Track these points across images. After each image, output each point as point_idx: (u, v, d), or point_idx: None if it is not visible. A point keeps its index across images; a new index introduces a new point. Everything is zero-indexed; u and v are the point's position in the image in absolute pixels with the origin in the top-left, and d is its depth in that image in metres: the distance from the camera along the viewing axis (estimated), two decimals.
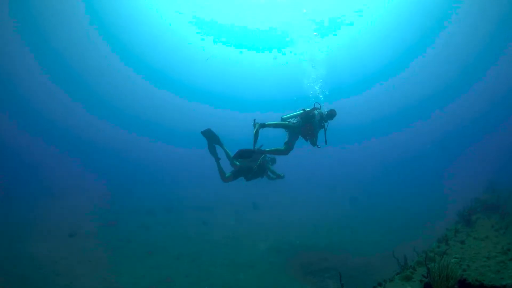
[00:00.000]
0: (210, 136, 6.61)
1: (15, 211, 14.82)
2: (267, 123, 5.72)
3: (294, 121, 6.12)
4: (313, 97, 8.89)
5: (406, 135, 42.95)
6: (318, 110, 6.20)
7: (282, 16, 26.75)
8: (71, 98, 37.56)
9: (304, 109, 6.17)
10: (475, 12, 24.07)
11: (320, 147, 6.25)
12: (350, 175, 28.24)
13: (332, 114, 6.21)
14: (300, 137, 6.24)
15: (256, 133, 5.58)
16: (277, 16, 27.38)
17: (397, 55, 34.46)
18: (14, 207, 15.51)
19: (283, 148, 6.14)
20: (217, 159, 6.63)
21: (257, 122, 5.63)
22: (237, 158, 6.23)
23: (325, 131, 6.16)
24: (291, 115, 6.32)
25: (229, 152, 6.63)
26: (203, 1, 26.78)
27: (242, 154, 5.92)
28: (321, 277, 7.80)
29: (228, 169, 6.60)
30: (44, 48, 28.79)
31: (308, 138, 6.20)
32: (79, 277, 7.76)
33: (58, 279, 7.64)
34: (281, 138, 6.30)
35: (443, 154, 35.07)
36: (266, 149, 6.14)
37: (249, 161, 6.41)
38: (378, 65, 36.84)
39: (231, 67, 39.56)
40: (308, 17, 24.93)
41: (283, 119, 6.32)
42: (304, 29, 24.15)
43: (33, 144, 35.06)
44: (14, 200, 17.12)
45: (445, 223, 7.43)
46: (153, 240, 10.88)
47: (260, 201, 17.44)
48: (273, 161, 7.07)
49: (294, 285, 7.52)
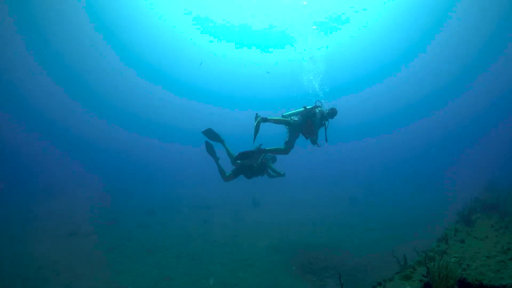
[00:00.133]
0: (212, 136, 6.60)
1: (14, 210, 14.84)
2: (269, 117, 5.75)
3: (296, 118, 6.10)
4: (313, 95, 8.87)
5: (406, 134, 42.99)
6: (319, 108, 6.18)
7: (282, 13, 26.69)
8: (71, 98, 37.58)
9: (305, 106, 6.15)
10: (475, 12, 24.07)
11: (320, 145, 6.24)
12: (350, 174, 28.26)
13: (333, 113, 6.18)
14: (300, 135, 6.23)
15: (257, 126, 5.60)
16: (276, 13, 27.32)
17: (397, 55, 34.47)
18: (14, 207, 15.52)
19: (283, 147, 6.13)
20: (216, 159, 6.63)
21: (259, 116, 5.68)
22: (238, 159, 6.28)
23: (325, 129, 6.13)
24: (292, 112, 6.30)
25: (230, 150, 6.62)
26: None
27: (242, 156, 5.98)
28: (320, 276, 7.80)
29: (228, 168, 6.60)
30: (44, 48, 28.75)
31: (308, 136, 6.18)
32: (79, 276, 7.77)
33: (58, 279, 7.65)
34: (281, 137, 6.29)
35: (443, 154, 35.10)
36: (266, 148, 6.13)
37: (250, 159, 6.42)
38: (377, 64, 36.82)
39: (230, 66, 39.52)
40: (308, 9, 24.77)
41: (284, 116, 6.29)
42: (304, 26, 24.08)
43: (32, 144, 35.10)
44: (14, 200, 17.14)
45: (444, 223, 7.42)
46: (152, 239, 10.89)
47: (260, 199, 17.46)
48: (274, 159, 7.08)
49: (294, 284, 7.52)
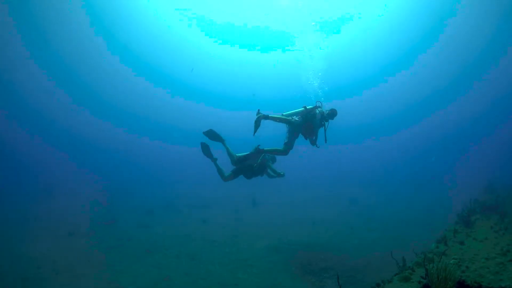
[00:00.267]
0: (213, 136, 6.60)
1: (14, 210, 14.82)
2: (270, 115, 5.78)
3: (296, 118, 6.10)
4: (312, 94, 8.84)
5: (406, 134, 42.92)
6: (319, 108, 6.17)
7: (282, 13, 26.69)
8: (71, 98, 37.57)
9: (305, 106, 6.15)
10: (476, 13, 24.07)
11: (319, 146, 6.24)
12: (350, 175, 28.22)
13: (333, 114, 6.17)
14: (300, 135, 6.23)
15: (257, 121, 5.65)
16: (276, 13, 27.32)
17: (398, 55, 34.46)
18: (13, 207, 15.51)
19: (282, 148, 6.14)
20: (214, 160, 6.64)
21: (261, 113, 5.72)
22: (237, 164, 6.39)
23: (325, 130, 6.13)
24: (292, 112, 6.30)
25: (230, 150, 6.62)
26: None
27: (241, 160, 6.12)
28: (320, 277, 7.80)
29: (228, 167, 6.60)
30: (44, 48, 28.73)
31: (308, 136, 6.18)
32: (78, 276, 7.77)
33: (57, 278, 7.65)
34: (281, 137, 6.29)
35: (443, 155, 35.07)
36: (265, 149, 6.14)
37: (250, 159, 6.43)
38: (378, 65, 36.82)
39: (230, 66, 39.50)
40: (308, 9, 24.77)
41: (285, 116, 6.28)
42: (304, 25, 24.05)
43: (32, 144, 35.07)
44: (13, 200, 17.13)
45: (444, 224, 7.43)
46: (152, 239, 10.89)
47: (260, 199, 17.45)
48: (273, 159, 7.09)
49: (293, 284, 7.52)
